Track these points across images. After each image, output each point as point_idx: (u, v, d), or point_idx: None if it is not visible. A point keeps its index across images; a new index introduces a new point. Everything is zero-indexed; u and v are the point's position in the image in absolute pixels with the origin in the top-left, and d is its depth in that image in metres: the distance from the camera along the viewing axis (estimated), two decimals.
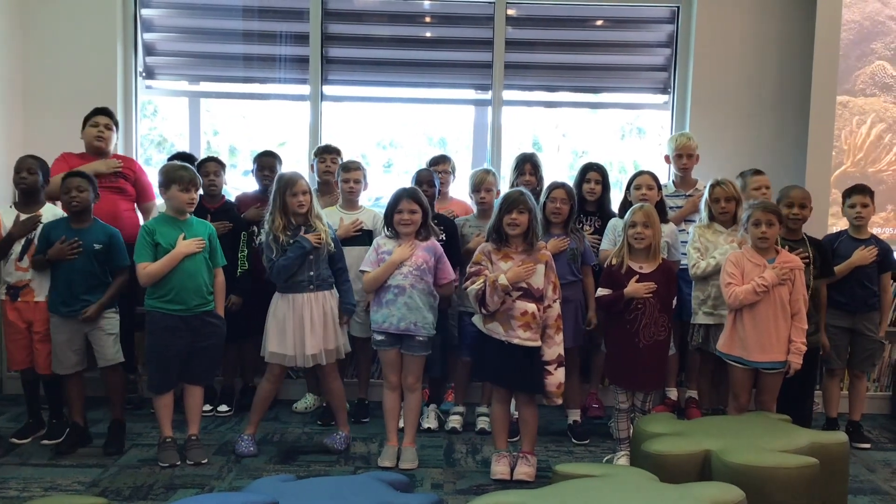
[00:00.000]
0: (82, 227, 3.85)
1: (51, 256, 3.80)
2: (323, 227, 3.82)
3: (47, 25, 4.98)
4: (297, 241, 3.74)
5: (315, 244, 3.75)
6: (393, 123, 5.78)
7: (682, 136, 4.64)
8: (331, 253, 3.84)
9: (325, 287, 3.83)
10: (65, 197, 3.82)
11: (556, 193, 4.04)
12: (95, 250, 3.82)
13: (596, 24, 5.34)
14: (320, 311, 3.80)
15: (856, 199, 4.26)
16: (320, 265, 3.81)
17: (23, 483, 3.50)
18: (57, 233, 3.82)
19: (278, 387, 3.98)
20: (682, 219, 4.50)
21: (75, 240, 3.79)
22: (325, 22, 5.19)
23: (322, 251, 3.80)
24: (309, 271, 3.79)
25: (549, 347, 3.56)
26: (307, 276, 3.79)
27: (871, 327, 4.28)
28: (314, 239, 3.75)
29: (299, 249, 3.74)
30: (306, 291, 3.79)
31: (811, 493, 2.87)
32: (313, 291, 3.80)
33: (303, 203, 3.76)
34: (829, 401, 4.38)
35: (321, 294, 3.81)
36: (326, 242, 3.79)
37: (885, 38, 4.85)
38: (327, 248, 3.81)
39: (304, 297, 3.79)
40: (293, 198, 3.75)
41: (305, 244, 3.74)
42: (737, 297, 3.65)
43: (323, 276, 3.82)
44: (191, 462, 3.74)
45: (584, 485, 2.66)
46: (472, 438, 4.21)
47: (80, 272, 3.81)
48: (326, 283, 3.84)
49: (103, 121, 4.38)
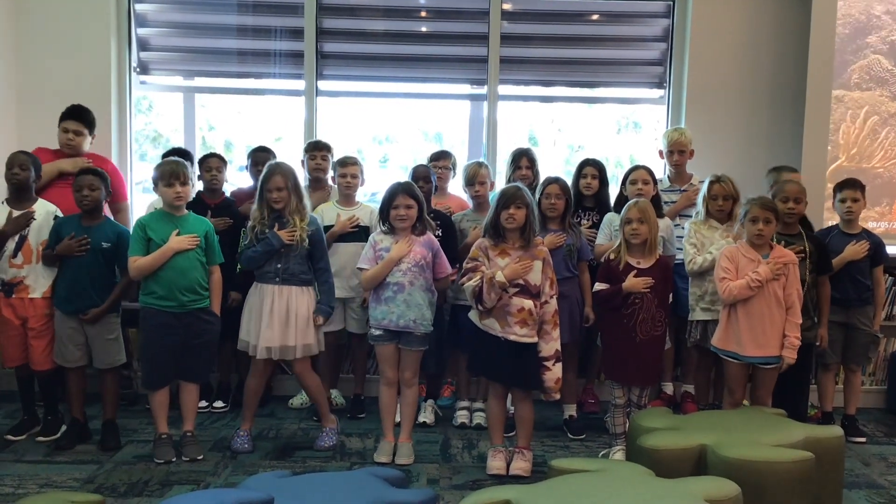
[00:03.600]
0: (92, 224, 3.85)
1: (59, 252, 3.80)
2: (300, 224, 3.76)
3: (41, 21, 4.96)
4: (267, 237, 3.74)
5: (286, 241, 3.73)
6: (389, 119, 5.77)
7: (674, 132, 4.63)
8: (307, 250, 3.80)
9: (294, 283, 3.79)
10: (76, 195, 3.81)
11: (551, 189, 4.04)
12: (103, 248, 3.83)
13: (591, 19, 5.33)
14: (283, 306, 3.76)
15: (846, 194, 4.27)
16: (290, 260, 3.78)
17: (18, 480, 3.50)
18: (67, 229, 3.83)
19: (263, 380, 3.94)
20: (677, 213, 4.49)
21: (84, 237, 3.79)
22: (320, 17, 5.17)
23: (295, 247, 3.77)
24: (276, 263, 3.77)
25: (546, 343, 3.56)
26: (273, 268, 3.77)
27: (864, 321, 4.29)
28: (286, 236, 3.73)
29: (268, 245, 3.73)
30: (271, 283, 3.78)
31: (806, 487, 2.87)
32: (278, 284, 3.77)
33: (277, 199, 3.74)
34: (824, 395, 4.39)
35: (287, 289, 3.78)
36: (300, 240, 3.75)
37: (880, 31, 4.85)
38: (302, 244, 3.77)
39: (268, 289, 3.78)
40: (268, 192, 3.76)
41: (274, 241, 3.73)
42: (731, 291, 3.65)
43: (292, 271, 3.79)
44: (186, 458, 3.74)
45: (581, 480, 2.66)
46: (467, 434, 4.21)
47: (86, 269, 3.81)
48: (296, 278, 3.80)
49: (72, 127, 4.29)
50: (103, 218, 3.91)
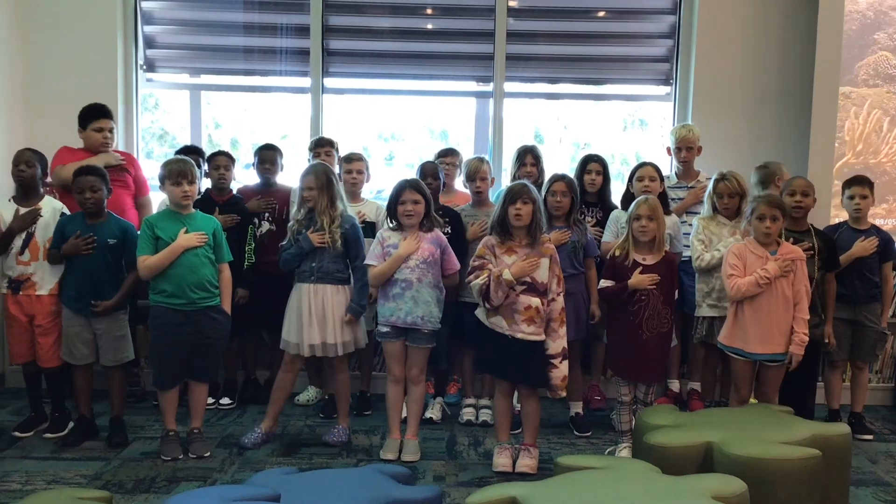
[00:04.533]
0: (97, 222, 3.85)
1: (65, 251, 3.81)
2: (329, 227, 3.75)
3: (47, 19, 4.97)
4: (299, 240, 3.77)
5: (317, 244, 3.75)
6: (394, 116, 5.77)
7: (682, 129, 4.62)
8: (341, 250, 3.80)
9: (329, 281, 3.81)
10: (79, 197, 3.81)
11: (557, 186, 4.03)
12: (110, 245, 3.83)
13: (597, 15, 5.32)
14: (319, 304, 3.79)
15: (854, 191, 4.26)
16: (325, 259, 3.79)
17: (25, 476, 3.51)
18: (72, 227, 3.83)
19: (295, 376, 3.94)
20: (684, 210, 4.48)
21: (90, 235, 3.79)
22: (326, 14, 5.17)
23: (328, 248, 3.77)
24: (311, 262, 3.80)
25: (553, 341, 3.55)
26: (309, 268, 3.80)
27: (872, 318, 4.27)
28: (317, 239, 3.75)
29: (299, 248, 3.78)
30: (307, 282, 3.81)
31: (813, 484, 2.87)
32: (314, 283, 3.80)
33: (307, 199, 3.79)
34: (831, 392, 4.38)
35: (321, 287, 3.80)
36: (332, 241, 3.75)
37: (888, 28, 4.83)
38: (335, 245, 3.77)
39: (305, 288, 3.80)
40: (301, 191, 3.82)
41: (304, 244, 3.76)
42: (739, 288, 3.64)
43: (327, 269, 3.80)
44: (193, 455, 3.74)
45: (587, 477, 2.66)
46: (474, 431, 4.21)
47: (94, 267, 3.81)
48: (331, 277, 3.81)
49: (108, 125, 4.35)
50: (107, 214, 3.91)
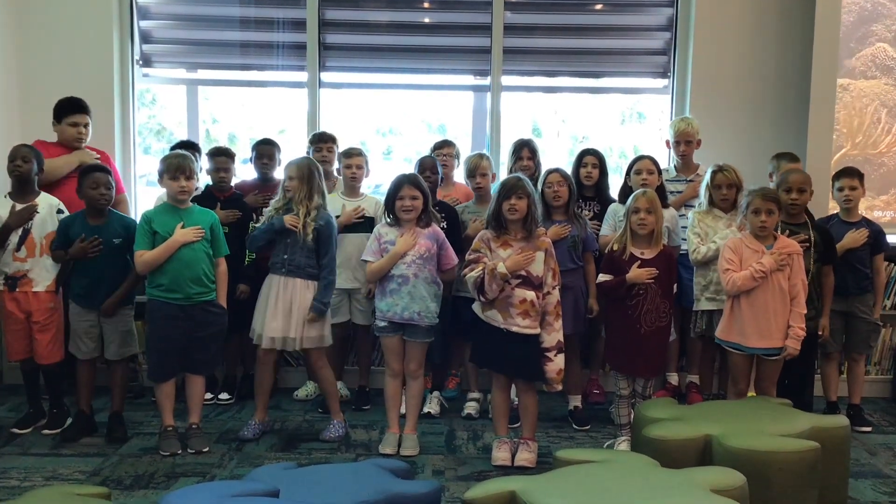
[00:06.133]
0: (99, 223, 3.84)
1: (72, 255, 3.81)
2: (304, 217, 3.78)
3: (43, 14, 4.94)
4: (272, 220, 3.84)
5: (288, 226, 3.78)
6: (392, 110, 5.76)
7: (681, 122, 4.61)
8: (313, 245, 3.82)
9: (298, 275, 3.82)
10: (93, 192, 3.79)
11: (552, 178, 4.04)
12: (115, 245, 3.83)
13: (595, 8, 5.30)
14: (287, 297, 3.81)
15: (844, 182, 4.26)
16: (296, 251, 3.81)
17: (24, 472, 3.51)
18: (75, 229, 3.82)
19: (269, 370, 3.95)
20: (683, 203, 4.48)
21: (95, 238, 3.79)
22: (323, 8, 5.15)
23: (298, 238, 3.79)
24: (283, 254, 3.83)
25: (548, 334, 3.56)
26: (280, 259, 3.84)
27: (864, 310, 4.27)
28: (289, 220, 3.79)
29: (269, 225, 3.83)
30: (278, 274, 3.84)
31: (812, 476, 2.87)
32: (284, 276, 3.83)
33: (287, 188, 3.87)
34: (829, 385, 4.38)
35: (292, 280, 3.82)
36: (301, 229, 3.77)
37: (885, 20, 4.82)
38: (304, 236, 3.79)
39: (275, 279, 3.85)
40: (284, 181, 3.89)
41: (276, 223, 3.81)
42: (735, 283, 3.64)
43: (298, 263, 3.82)
44: (192, 450, 3.74)
45: (586, 470, 2.66)
46: (472, 425, 4.21)
47: (102, 267, 3.82)
48: (301, 271, 3.83)
49: (83, 120, 4.32)
50: (108, 213, 3.90)
